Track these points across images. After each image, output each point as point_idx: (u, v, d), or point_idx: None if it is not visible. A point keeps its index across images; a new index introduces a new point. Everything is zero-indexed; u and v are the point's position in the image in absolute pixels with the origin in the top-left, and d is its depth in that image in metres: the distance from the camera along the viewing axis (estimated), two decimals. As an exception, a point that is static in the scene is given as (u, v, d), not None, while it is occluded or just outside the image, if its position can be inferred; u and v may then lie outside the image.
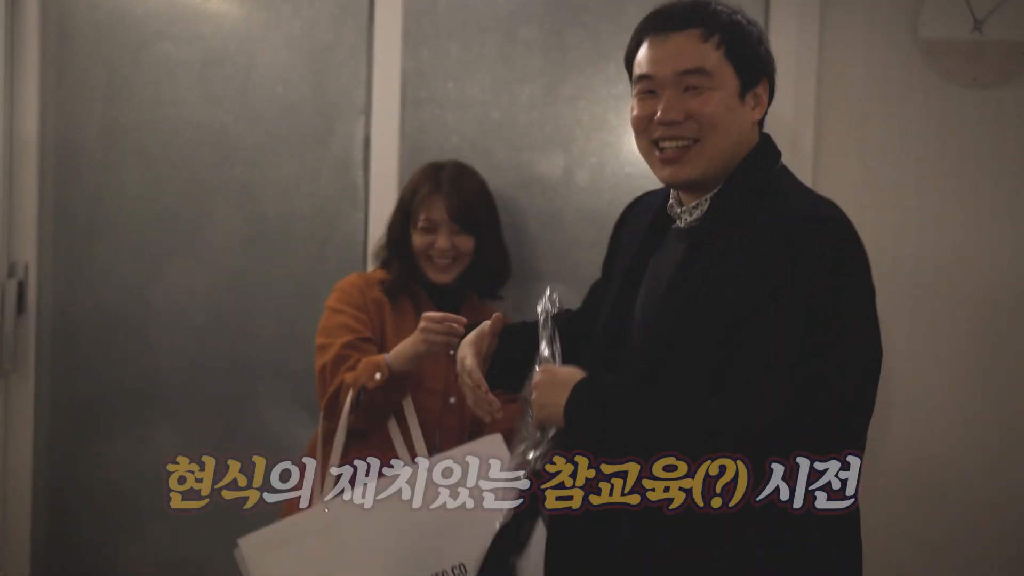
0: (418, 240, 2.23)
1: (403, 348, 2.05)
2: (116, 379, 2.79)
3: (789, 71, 2.58)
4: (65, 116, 2.77)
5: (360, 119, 2.72)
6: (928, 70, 2.59)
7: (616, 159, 2.68)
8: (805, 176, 2.55)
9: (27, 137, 2.74)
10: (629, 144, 2.62)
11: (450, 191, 2.22)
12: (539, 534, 1.40)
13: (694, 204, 1.47)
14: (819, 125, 2.59)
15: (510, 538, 1.34)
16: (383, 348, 2.15)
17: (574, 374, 1.39)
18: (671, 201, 1.53)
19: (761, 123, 1.52)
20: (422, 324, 2.00)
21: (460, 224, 2.22)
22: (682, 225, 1.49)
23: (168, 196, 2.77)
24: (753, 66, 1.44)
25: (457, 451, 1.86)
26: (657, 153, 1.46)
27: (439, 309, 2.13)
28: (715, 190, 1.45)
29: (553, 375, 1.40)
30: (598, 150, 2.69)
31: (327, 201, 2.74)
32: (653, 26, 1.46)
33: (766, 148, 1.49)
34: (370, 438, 2.08)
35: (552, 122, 2.69)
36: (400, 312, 2.22)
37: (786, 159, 1.50)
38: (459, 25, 2.69)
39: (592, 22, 2.67)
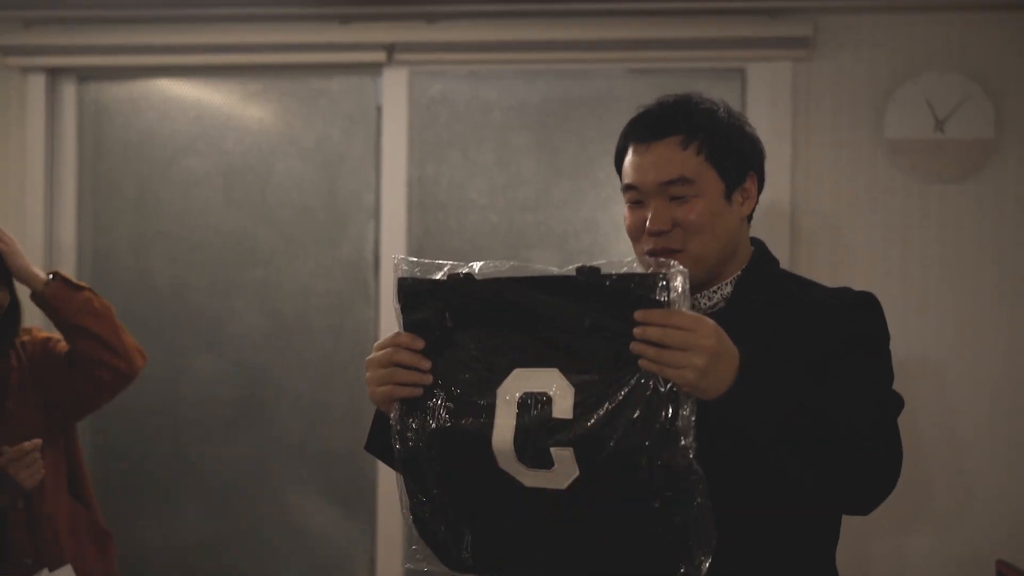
0: None
1: None
2: (146, 467, 3.01)
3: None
4: (101, 226, 3.03)
5: (370, 222, 2.94)
6: (893, 168, 2.79)
7: (606, 256, 2.88)
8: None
9: (66, 246, 3.00)
10: (617, 242, 2.85)
11: None
12: None
13: (713, 289, 1.51)
14: (794, 221, 2.78)
15: None
16: None
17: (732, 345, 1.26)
18: None
19: (751, 215, 1.55)
20: None
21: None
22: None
23: (194, 296, 3.00)
24: (737, 166, 1.46)
25: None
26: (649, 260, 1.47)
27: None
28: (733, 275, 1.51)
29: (725, 342, 1.25)
30: (589, 248, 2.90)
31: (340, 297, 2.96)
32: (635, 133, 1.47)
33: (764, 252, 1.58)
34: None
35: (546, 223, 2.90)
36: None
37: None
38: (458, 136, 2.92)
39: (578, 129, 2.90)
